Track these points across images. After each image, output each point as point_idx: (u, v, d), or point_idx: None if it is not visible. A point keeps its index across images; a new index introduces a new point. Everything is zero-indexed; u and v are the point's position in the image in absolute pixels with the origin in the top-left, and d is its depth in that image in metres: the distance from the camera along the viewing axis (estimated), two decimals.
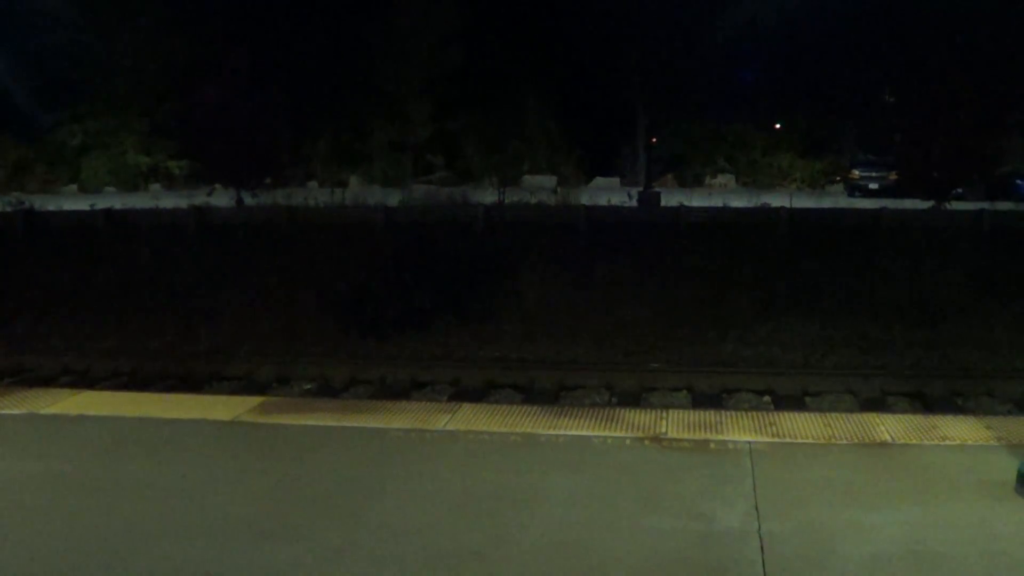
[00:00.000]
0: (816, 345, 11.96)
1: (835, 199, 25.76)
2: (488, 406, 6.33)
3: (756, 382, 9.60)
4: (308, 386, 10.05)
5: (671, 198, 22.85)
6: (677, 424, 5.23)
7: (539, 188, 26.83)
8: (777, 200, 20.52)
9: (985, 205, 18.58)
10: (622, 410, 5.75)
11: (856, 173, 29.63)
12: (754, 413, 5.66)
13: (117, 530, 3.94)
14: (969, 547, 3.62)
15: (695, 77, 34.37)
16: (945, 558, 3.54)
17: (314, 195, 23.65)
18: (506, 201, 21.30)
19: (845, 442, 4.87)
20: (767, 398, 9.30)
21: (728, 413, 5.66)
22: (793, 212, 17.49)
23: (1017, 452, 4.52)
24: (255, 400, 6.18)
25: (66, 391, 6.75)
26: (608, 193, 25.14)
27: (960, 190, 22.16)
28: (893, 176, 25.92)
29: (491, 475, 4.50)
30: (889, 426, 5.14)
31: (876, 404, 8.91)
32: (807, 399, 9.19)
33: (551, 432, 5.12)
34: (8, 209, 20.78)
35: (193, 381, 10.22)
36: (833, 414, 5.62)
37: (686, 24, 33.88)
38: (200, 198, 23.17)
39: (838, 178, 34.51)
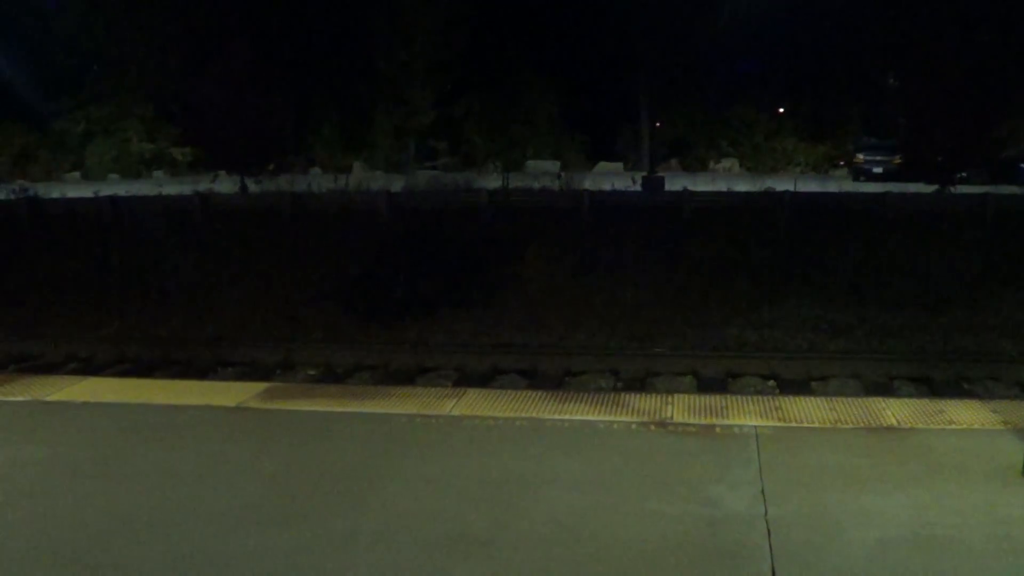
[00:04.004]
0: (821, 329, 11.94)
1: (839, 183, 25.66)
2: (493, 391, 6.32)
3: (761, 366, 9.58)
4: (312, 372, 10.05)
5: (675, 183, 22.81)
6: (683, 409, 5.22)
7: (543, 173, 26.84)
8: (781, 184, 20.47)
9: (989, 189, 18.51)
10: (627, 395, 5.75)
11: (860, 157, 29.58)
12: (759, 398, 5.65)
13: (122, 516, 3.95)
14: (975, 531, 3.61)
15: (699, 61, 34.25)
16: (951, 542, 3.53)
17: (317, 181, 23.70)
18: (510, 186, 21.29)
19: (851, 426, 4.86)
20: (772, 382, 9.29)
21: (733, 398, 5.64)
22: (797, 196, 17.44)
23: (1023, 437, 4.51)
24: (260, 386, 6.18)
25: (71, 378, 6.75)
26: (612, 178, 25.12)
27: (964, 174, 22.07)
28: (897, 160, 25.84)
29: (496, 460, 4.50)
30: (895, 410, 5.13)
31: (881, 388, 8.90)
32: (812, 383, 9.17)
33: (556, 417, 5.12)
34: (12, 196, 20.82)
35: (198, 367, 10.22)
36: (839, 398, 5.61)
37: (690, 8, 33.75)
38: (204, 185, 23.18)
39: (842, 162, 34.44)
